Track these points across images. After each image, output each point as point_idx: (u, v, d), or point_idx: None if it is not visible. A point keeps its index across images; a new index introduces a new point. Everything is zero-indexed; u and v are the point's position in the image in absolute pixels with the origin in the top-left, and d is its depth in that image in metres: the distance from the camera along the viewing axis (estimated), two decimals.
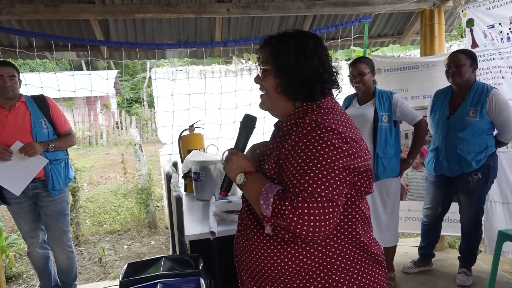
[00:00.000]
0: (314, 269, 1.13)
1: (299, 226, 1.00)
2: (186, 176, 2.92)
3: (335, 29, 3.69)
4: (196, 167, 2.71)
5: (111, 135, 13.80)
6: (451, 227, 3.49)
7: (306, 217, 1.00)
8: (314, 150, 1.06)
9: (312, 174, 1.04)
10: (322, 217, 1.01)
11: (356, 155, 1.09)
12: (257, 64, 1.31)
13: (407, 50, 6.04)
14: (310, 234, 1.01)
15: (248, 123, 1.34)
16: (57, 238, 2.96)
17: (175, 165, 3.13)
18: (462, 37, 8.54)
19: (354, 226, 1.17)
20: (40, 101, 2.89)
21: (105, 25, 3.55)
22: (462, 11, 3.32)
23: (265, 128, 2.53)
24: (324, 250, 1.13)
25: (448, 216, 3.31)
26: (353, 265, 1.16)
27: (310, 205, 1.01)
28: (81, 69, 17.04)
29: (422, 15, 3.74)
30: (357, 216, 1.17)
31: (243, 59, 8.97)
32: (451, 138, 2.89)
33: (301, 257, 1.13)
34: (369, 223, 1.24)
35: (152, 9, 3.15)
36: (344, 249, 1.15)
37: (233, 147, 1.34)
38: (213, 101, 4.00)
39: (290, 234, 1.03)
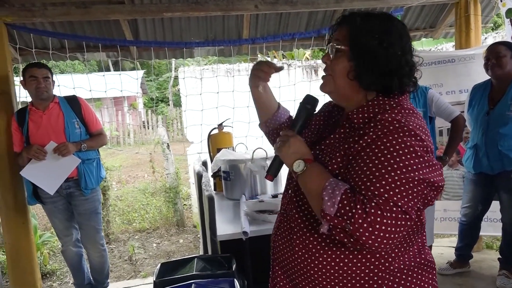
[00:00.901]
0: (364, 275, 1.04)
1: (366, 234, 0.90)
2: (215, 175, 2.91)
3: None
4: (226, 166, 2.69)
5: (138, 134, 14.04)
6: (491, 227, 3.34)
7: (377, 226, 0.90)
8: (395, 154, 0.95)
9: (390, 180, 0.94)
10: (394, 229, 0.91)
11: (434, 168, 0.99)
12: (327, 42, 1.15)
13: (438, 44, 5.84)
14: (376, 244, 0.91)
15: (309, 104, 1.20)
16: (90, 237, 3.01)
17: (204, 164, 3.12)
18: (494, 29, 8.22)
19: (415, 235, 1.08)
20: (73, 102, 2.94)
21: (134, 25, 3.58)
22: (501, 0, 3.17)
23: None
24: (379, 256, 1.04)
25: (488, 215, 3.16)
26: (409, 273, 1.07)
27: (384, 213, 0.91)
28: (109, 70, 17.42)
29: (457, 6, 3.60)
30: (418, 224, 1.08)
31: (269, 57, 8.93)
32: (492, 134, 2.76)
33: (353, 261, 1.03)
34: (424, 229, 1.14)
35: (180, 7, 3.14)
36: (402, 258, 1.06)
37: (289, 128, 1.20)
38: (241, 100, 3.98)
39: (352, 240, 0.93)
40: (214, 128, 3.08)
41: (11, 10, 3.00)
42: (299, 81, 4.07)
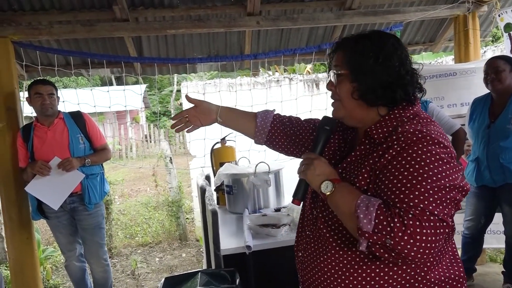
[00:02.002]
0: (400, 287, 1.04)
1: (408, 246, 0.90)
2: (218, 189, 2.92)
3: None
4: (229, 180, 2.71)
5: (140, 148, 14.09)
6: (494, 239, 3.34)
7: (418, 237, 0.90)
8: (423, 163, 0.96)
9: (423, 190, 0.94)
10: (434, 238, 0.91)
11: (460, 173, 1.00)
12: (328, 70, 1.20)
13: (438, 58, 5.90)
14: (419, 255, 0.91)
15: (327, 126, 1.21)
16: (94, 252, 3.02)
17: (207, 178, 3.14)
18: (494, 41, 8.29)
19: (447, 243, 1.09)
20: (77, 117, 2.98)
21: (138, 41, 3.64)
22: (499, 15, 3.22)
23: None
24: (414, 267, 1.04)
25: (491, 227, 3.16)
26: (443, 284, 1.07)
27: (423, 223, 0.91)
28: (111, 84, 17.56)
29: (456, 21, 3.65)
30: (450, 233, 1.09)
31: (270, 71, 9.01)
32: (493, 147, 2.77)
33: (389, 274, 1.03)
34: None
35: (183, 24, 3.20)
36: (436, 267, 1.06)
37: (310, 151, 1.21)
38: None
39: (394, 254, 0.93)
40: (217, 143, 3.10)
41: (18, 28, 3.06)
42: (301, 95, 4.11)
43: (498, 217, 3.00)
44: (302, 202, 1.22)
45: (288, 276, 2.68)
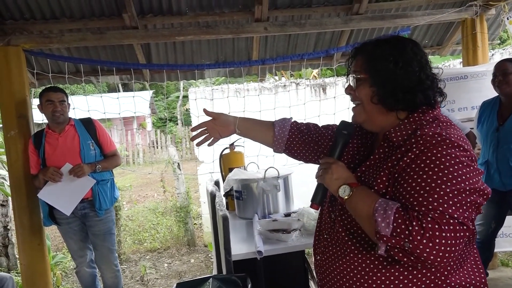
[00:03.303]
0: None
1: (427, 250, 0.89)
2: (227, 194, 2.93)
3: None
4: (238, 185, 2.72)
5: (147, 154, 14.15)
6: (506, 242, 3.31)
7: (437, 240, 0.89)
8: (442, 166, 0.95)
9: (442, 193, 0.93)
10: (454, 241, 0.90)
11: (481, 177, 1.00)
12: (347, 74, 1.20)
13: (445, 61, 5.88)
14: (439, 259, 0.90)
15: (345, 130, 1.21)
16: (104, 257, 3.03)
17: (217, 183, 3.15)
18: (501, 43, 8.25)
19: (467, 247, 1.07)
20: (88, 124, 3.01)
21: (147, 48, 3.68)
22: (508, 18, 3.22)
23: None
24: (435, 271, 1.03)
25: (503, 230, 3.13)
26: None
27: (442, 227, 0.90)
28: (118, 90, 17.69)
29: (463, 24, 3.65)
30: (471, 237, 1.08)
31: (277, 76, 9.04)
32: (503, 150, 2.76)
33: (409, 277, 1.02)
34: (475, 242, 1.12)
35: (192, 31, 3.23)
36: (457, 272, 1.05)
37: (328, 156, 1.21)
38: None
39: (413, 258, 0.92)
40: (226, 148, 3.12)
41: (30, 37, 3.11)
42: (308, 100, 4.11)
43: (509, 220, 2.98)
44: (320, 206, 1.22)
45: (298, 281, 2.69)
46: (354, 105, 1.19)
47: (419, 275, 1.03)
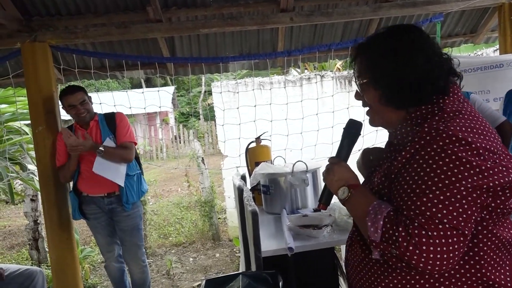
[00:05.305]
0: None
1: (415, 257, 0.85)
2: (254, 189, 2.88)
3: None
4: (265, 179, 2.65)
5: (170, 149, 14.29)
6: None
7: (424, 247, 0.84)
8: (434, 166, 0.88)
9: (431, 195, 0.87)
10: (445, 248, 0.84)
11: (491, 171, 0.88)
12: (353, 80, 1.19)
13: (477, 49, 5.64)
14: (430, 266, 0.85)
15: (353, 129, 1.18)
16: (132, 253, 3.03)
17: (243, 178, 3.10)
18: None
19: (479, 258, 0.94)
20: (110, 118, 2.99)
21: (171, 42, 3.65)
22: None
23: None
24: (434, 281, 0.94)
25: None
26: None
27: (429, 233, 0.84)
28: (141, 86, 17.90)
29: (500, 10, 3.46)
30: (489, 243, 0.94)
31: (299, 69, 8.91)
32: None
33: (421, 281, 0.96)
34: (510, 253, 0.98)
35: (216, 23, 3.17)
36: (500, 268, 0.95)
37: (334, 156, 1.19)
38: (275, 112, 3.96)
39: (405, 264, 0.89)
40: (252, 142, 3.06)
41: (56, 33, 3.12)
42: (336, 92, 4.01)
43: None
44: (327, 207, 1.21)
45: (327, 278, 2.62)
46: (367, 110, 1.14)
47: (431, 280, 0.95)
